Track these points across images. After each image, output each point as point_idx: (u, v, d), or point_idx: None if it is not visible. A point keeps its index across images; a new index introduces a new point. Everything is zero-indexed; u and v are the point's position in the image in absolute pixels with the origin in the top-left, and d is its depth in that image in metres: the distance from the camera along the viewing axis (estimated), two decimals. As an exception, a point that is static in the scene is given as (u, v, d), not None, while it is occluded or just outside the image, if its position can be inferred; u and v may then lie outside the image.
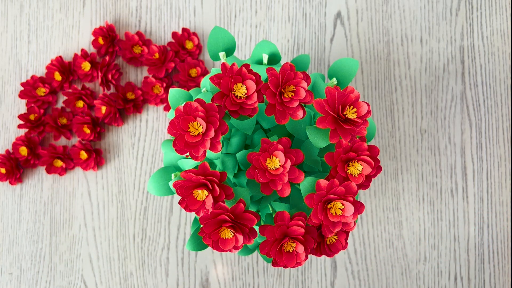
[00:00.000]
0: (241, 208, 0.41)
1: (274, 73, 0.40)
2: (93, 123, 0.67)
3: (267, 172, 0.41)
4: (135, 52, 0.69)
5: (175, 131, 0.40)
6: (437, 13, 0.69)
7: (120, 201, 0.69)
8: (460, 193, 0.68)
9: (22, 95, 0.68)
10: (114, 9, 0.71)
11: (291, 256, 0.41)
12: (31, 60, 0.70)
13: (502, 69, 0.69)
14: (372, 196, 0.69)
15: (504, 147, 0.69)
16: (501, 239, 0.68)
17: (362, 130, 0.40)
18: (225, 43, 0.50)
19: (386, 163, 0.69)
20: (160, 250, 0.69)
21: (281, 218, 0.42)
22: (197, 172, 0.41)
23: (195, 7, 0.70)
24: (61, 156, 0.67)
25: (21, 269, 0.69)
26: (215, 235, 0.41)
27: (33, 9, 0.71)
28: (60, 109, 0.69)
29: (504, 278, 0.68)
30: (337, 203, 0.40)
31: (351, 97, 0.40)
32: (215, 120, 0.40)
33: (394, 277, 0.68)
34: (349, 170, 0.41)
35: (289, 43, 0.70)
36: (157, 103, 0.69)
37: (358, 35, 0.70)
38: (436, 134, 0.69)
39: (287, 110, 0.41)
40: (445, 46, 0.69)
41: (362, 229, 0.68)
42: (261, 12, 0.70)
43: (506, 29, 0.69)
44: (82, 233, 0.69)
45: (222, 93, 0.41)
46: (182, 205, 0.41)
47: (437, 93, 0.69)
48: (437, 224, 0.68)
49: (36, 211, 0.69)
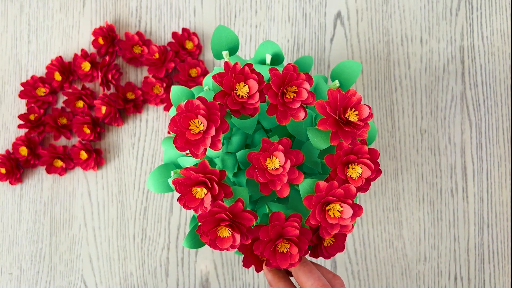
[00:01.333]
0: (240, 207, 0.41)
1: (276, 73, 0.41)
2: (93, 123, 0.67)
3: (266, 172, 0.41)
4: (135, 52, 0.69)
5: (176, 128, 0.40)
6: (437, 13, 0.69)
7: (120, 201, 0.69)
8: (460, 193, 0.68)
9: (22, 95, 0.68)
10: (114, 9, 0.70)
11: (284, 257, 0.41)
12: (31, 60, 0.70)
13: (502, 69, 0.69)
14: (372, 196, 0.69)
15: (504, 147, 0.69)
16: (501, 239, 0.68)
17: (363, 133, 0.40)
18: (229, 42, 0.50)
19: (386, 163, 0.69)
20: (160, 250, 0.69)
21: (276, 219, 0.42)
22: (196, 170, 0.41)
23: (195, 7, 0.70)
24: (61, 156, 0.67)
25: (21, 269, 0.69)
26: (212, 234, 0.41)
27: (33, 9, 0.70)
28: (60, 109, 0.69)
29: (504, 278, 0.68)
30: (335, 205, 0.40)
31: (353, 99, 0.40)
32: (216, 118, 0.40)
33: (394, 277, 0.68)
34: (349, 173, 0.41)
35: (289, 43, 0.70)
36: (157, 103, 0.69)
37: (358, 35, 0.70)
38: (436, 134, 0.69)
39: (288, 111, 0.41)
40: (445, 46, 0.69)
41: (362, 229, 0.68)
42: (261, 12, 0.70)
43: (506, 29, 0.69)
44: (82, 233, 0.69)
45: (224, 92, 0.41)
46: (181, 202, 0.41)
47: (437, 93, 0.69)
48: (437, 224, 0.68)
49: (36, 211, 0.69)
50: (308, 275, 0.42)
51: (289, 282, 0.45)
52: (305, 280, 0.42)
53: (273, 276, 0.45)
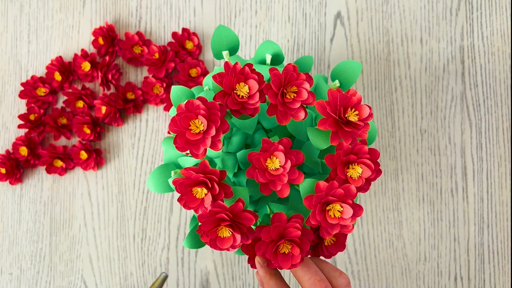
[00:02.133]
0: (240, 207, 0.41)
1: (276, 73, 0.40)
2: (93, 123, 0.67)
3: (267, 172, 0.41)
4: (135, 52, 0.69)
5: (176, 128, 0.40)
6: (437, 13, 0.69)
7: (120, 201, 0.69)
8: (460, 193, 0.68)
9: (22, 95, 0.68)
10: (114, 9, 0.70)
11: (286, 258, 0.41)
12: (31, 60, 0.70)
13: (502, 69, 0.69)
14: (372, 196, 0.69)
15: (504, 147, 0.69)
16: (501, 239, 0.68)
17: (363, 133, 0.40)
18: (229, 42, 0.50)
19: (386, 163, 0.69)
20: (160, 250, 0.69)
21: (278, 220, 0.42)
22: (197, 170, 0.41)
23: (195, 7, 0.70)
24: (61, 156, 0.67)
25: (21, 269, 0.69)
26: (213, 234, 0.41)
27: (33, 9, 0.70)
28: (60, 109, 0.69)
29: (504, 278, 0.68)
30: (336, 205, 0.40)
31: (353, 99, 0.40)
32: (216, 118, 0.40)
33: (394, 277, 0.68)
34: (349, 173, 0.41)
35: (289, 43, 0.70)
36: (157, 103, 0.69)
37: (358, 35, 0.70)
38: (436, 134, 0.69)
39: (288, 111, 0.41)
40: (445, 46, 0.69)
41: (362, 229, 0.68)
42: (261, 12, 0.70)
43: (506, 29, 0.69)
44: (82, 233, 0.69)
45: (224, 92, 0.41)
46: (181, 202, 0.41)
47: (437, 93, 0.69)
48: (437, 224, 0.68)
49: (36, 211, 0.69)
50: (305, 269, 0.42)
51: (281, 279, 0.44)
52: (302, 275, 0.42)
53: (265, 273, 0.45)
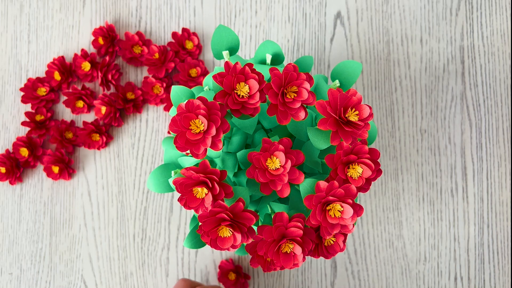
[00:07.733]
0: (240, 207, 0.41)
1: (277, 73, 0.40)
2: (99, 132, 0.67)
3: (267, 172, 0.41)
4: (135, 52, 0.69)
5: (176, 128, 0.40)
6: (437, 13, 0.69)
7: (120, 201, 0.69)
8: (460, 193, 0.69)
9: (25, 100, 0.68)
10: (114, 9, 0.70)
11: (288, 257, 0.41)
12: (31, 60, 0.70)
13: (502, 69, 0.69)
14: (372, 196, 0.69)
15: (504, 147, 0.69)
16: (501, 239, 0.68)
17: (363, 133, 0.40)
18: (229, 42, 0.50)
19: (386, 163, 0.69)
20: (160, 250, 0.69)
21: (280, 219, 0.42)
22: (197, 170, 0.41)
23: (195, 7, 0.70)
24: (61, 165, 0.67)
25: (21, 269, 0.69)
26: (213, 233, 0.41)
27: (33, 9, 0.70)
28: (68, 123, 0.69)
29: (504, 278, 0.68)
30: (336, 205, 0.40)
31: (353, 99, 0.40)
32: (216, 118, 0.40)
33: (394, 277, 0.68)
34: (349, 173, 0.41)
35: (289, 43, 0.70)
36: (157, 103, 0.69)
37: (358, 35, 0.70)
38: (436, 134, 0.69)
39: (289, 111, 0.41)
40: (445, 46, 0.69)
41: (362, 229, 0.68)
42: (261, 12, 0.70)
43: (506, 29, 0.69)
44: (82, 233, 0.69)
45: (224, 92, 0.41)
46: (182, 202, 0.41)
47: (437, 93, 0.69)
48: (437, 224, 0.68)
49: (36, 211, 0.69)
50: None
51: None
52: None
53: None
